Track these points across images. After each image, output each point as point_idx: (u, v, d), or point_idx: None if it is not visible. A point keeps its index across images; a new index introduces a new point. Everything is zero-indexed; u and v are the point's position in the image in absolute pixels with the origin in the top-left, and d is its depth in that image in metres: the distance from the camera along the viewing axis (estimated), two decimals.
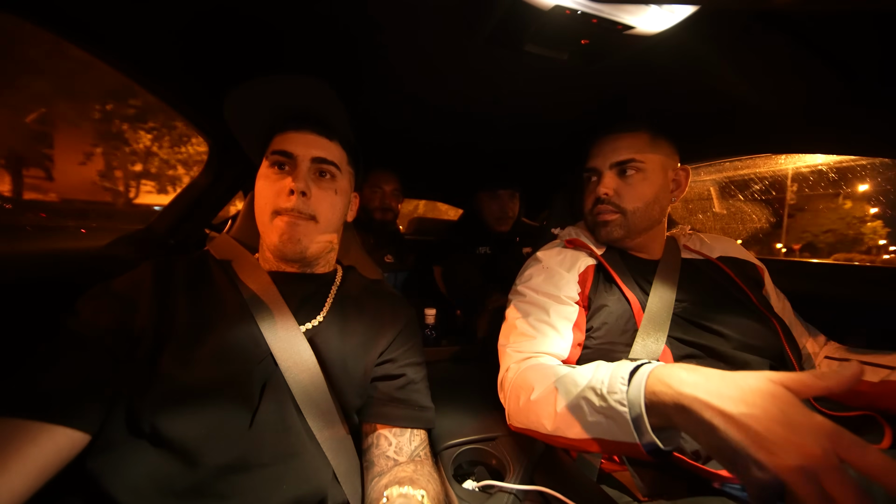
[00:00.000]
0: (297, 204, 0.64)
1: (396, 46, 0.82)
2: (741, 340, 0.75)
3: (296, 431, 0.59)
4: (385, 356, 0.71)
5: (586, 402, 0.54)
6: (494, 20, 0.67)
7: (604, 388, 0.51)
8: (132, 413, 0.53)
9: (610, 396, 0.50)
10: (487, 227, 1.63)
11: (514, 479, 0.67)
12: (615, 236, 0.88)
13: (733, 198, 8.63)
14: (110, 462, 0.50)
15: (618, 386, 0.50)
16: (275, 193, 0.65)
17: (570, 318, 0.81)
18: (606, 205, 0.86)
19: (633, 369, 0.51)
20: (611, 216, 0.87)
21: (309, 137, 0.68)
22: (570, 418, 0.56)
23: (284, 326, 0.63)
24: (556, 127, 1.25)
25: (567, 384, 0.59)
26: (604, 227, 0.88)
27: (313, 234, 0.68)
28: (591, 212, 0.90)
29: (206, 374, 0.55)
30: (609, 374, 0.53)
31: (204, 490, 0.50)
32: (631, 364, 0.52)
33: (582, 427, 0.54)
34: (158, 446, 0.51)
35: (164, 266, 0.65)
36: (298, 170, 0.66)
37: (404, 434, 0.67)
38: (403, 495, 0.54)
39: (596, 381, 0.54)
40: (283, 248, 0.65)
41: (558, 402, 0.58)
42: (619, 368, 0.53)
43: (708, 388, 0.42)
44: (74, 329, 0.55)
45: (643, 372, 0.50)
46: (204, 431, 0.52)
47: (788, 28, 0.66)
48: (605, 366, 0.57)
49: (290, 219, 0.65)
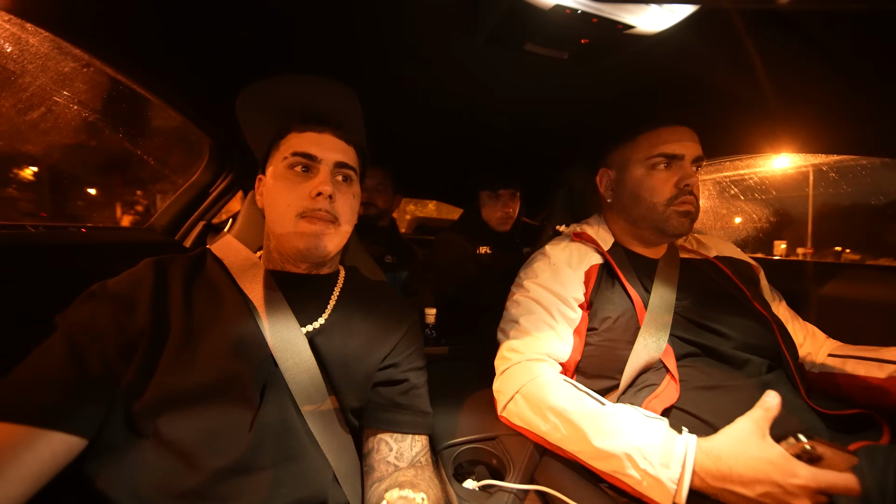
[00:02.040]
0: (323, 206, 0.65)
1: (396, 46, 0.82)
2: (740, 340, 0.76)
3: (296, 433, 0.58)
4: (388, 361, 0.70)
5: (627, 458, 0.57)
6: (494, 20, 0.67)
7: (654, 457, 0.55)
8: (130, 415, 0.52)
9: (661, 471, 0.54)
10: (488, 227, 1.63)
11: (514, 479, 0.67)
12: (686, 230, 0.84)
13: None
14: (108, 465, 0.49)
15: (674, 465, 0.54)
16: (299, 196, 0.64)
17: (572, 323, 0.81)
18: (692, 195, 0.83)
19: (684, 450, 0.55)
20: (692, 207, 0.83)
21: (330, 140, 0.68)
22: (603, 461, 0.60)
23: (286, 327, 0.63)
24: (556, 127, 1.25)
25: (601, 427, 0.61)
26: (686, 218, 0.83)
27: (334, 237, 0.68)
28: (672, 200, 0.82)
29: (206, 375, 0.55)
30: (660, 446, 0.56)
31: (204, 493, 0.50)
32: (682, 442, 0.56)
33: (615, 471, 0.59)
34: (157, 449, 0.50)
35: (164, 265, 0.64)
36: (323, 173, 0.66)
37: (405, 440, 0.66)
38: (404, 498, 0.54)
39: (642, 442, 0.57)
40: (308, 251, 0.65)
41: (591, 440, 0.61)
42: (669, 442, 0.56)
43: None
44: (70, 331, 0.53)
45: (690, 466, 0.54)
46: (203, 434, 0.52)
47: (788, 27, 0.66)
48: (645, 425, 0.60)
49: (318, 221, 0.65)
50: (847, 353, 0.83)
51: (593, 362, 0.80)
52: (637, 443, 0.57)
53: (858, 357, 0.80)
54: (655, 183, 0.84)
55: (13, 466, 0.43)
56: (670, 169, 0.83)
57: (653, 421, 0.60)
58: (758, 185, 12.49)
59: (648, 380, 0.74)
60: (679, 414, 0.70)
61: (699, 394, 0.70)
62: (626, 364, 0.75)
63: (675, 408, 0.70)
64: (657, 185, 0.84)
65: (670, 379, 0.72)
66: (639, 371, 0.75)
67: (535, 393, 0.70)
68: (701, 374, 0.73)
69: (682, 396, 0.70)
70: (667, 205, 0.83)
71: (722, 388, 0.70)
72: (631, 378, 0.75)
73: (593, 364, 0.80)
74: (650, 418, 0.61)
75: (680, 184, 0.81)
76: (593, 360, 0.80)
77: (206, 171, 1.30)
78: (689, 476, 0.53)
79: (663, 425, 0.59)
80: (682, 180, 0.81)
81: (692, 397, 0.70)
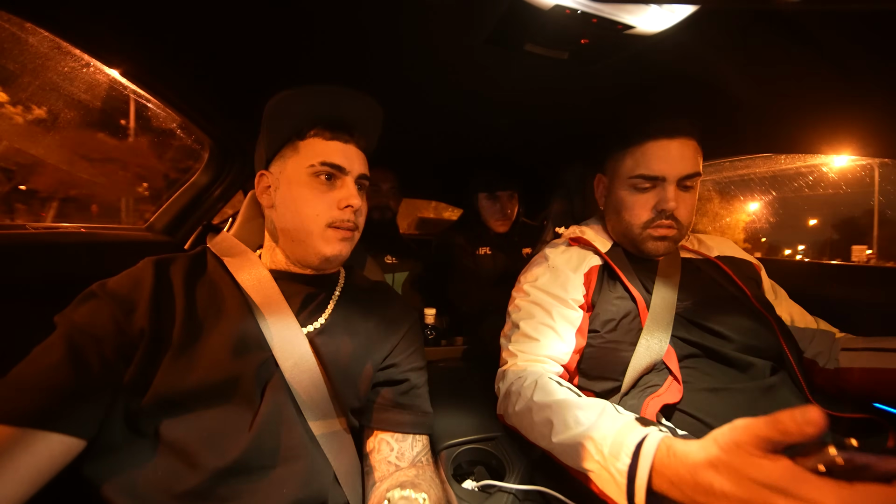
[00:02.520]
0: (352, 217, 0.67)
1: (396, 46, 0.82)
2: (742, 342, 0.75)
3: (296, 433, 0.58)
4: (388, 361, 0.70)
5: (584, 449, 0.53)
6: (494, 20, 0.67)
7: (605, 447, 0.50)
8: (130, 415, 0.52)
9: (611, 461, 0.49)
10: (487, 228, 1.64)
11: (514, 479, 0.67)
12: (662, 251, 0.83)
13: None
14: (108, 465, 0.49)
15: (622, 456, 0.48)
16: (327, 206, 0.66)
17: (573, 323, 0.80)
18: (670, 219, 0.79)
19: (637, 445, 0.48)
20: (671, 231, 0.80)
21: (354, 151, 0.69)
22: (568, 454, 0.56)
23: (286, 327, 0.62)
24: (556, 127, 1.25)
25: (567, 419, 0.58)
26: (661, 242, 0.82)
27: (353, 244, 0.72)
28: (648, 224, 0.81)
29: (206, 375, 0.55)
30: (612, 435, 0.51)
31: (203, 493, 0.50)
32: (637, 434, 0.49)
33: (576, 465, 0.54)
34: (157, 449, 0.50)
35: (164, 264, 0.63)
36: (350, 185, 0.67)
37: (406, 440, 0.66)
38: (405, 498, 0.53)
39: (597, 433, 0.52)
40: (334, 257, 0.67)
41: (555, 433, 0.58)
42: (624, 432, 0.50)
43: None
44: (69, 332, 0.52)
45: (646, 460, 0.46)
46: (203, 434, 0.52)
47: (788, 27, 0.66)
48: (609, 416, 0.55)
49: (346, 232, 0.67)
50: (862, 346, 0.79)
51: (595, 364, 0.80)
52: (593, 433, 0.53)
53: (875, 349, 0.77)
54: (634, 204, 0.82)
55: (10, 468, 0.43)
56: (652, 191, 0.80)
57: (621, 415, 0.55)
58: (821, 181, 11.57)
59: (651, 381, 0.74)
60: (680, 416, 0.69)
61: (701, 396, 0.70)
62: (629, 365, 0.75)
63: (677, 409, 0.70)
64: (635, 208, 0.82)
65: (673, 380, 0.71)
66: (641, 372, 0.74)
67: (528, 396, 0.70)
68: (704, 376, 0.73)
69: (684, 398, 0.70)
70: (643, 227, 0.81)
71: (725, 390, 0.70)
72: (633, 379, 0.74)
73: (595, 366, 0.80)
74: (619, 413, 0.56)
75: (658, 207, 0.79)
76: (595, 362, 0.80)
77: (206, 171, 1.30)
78: (646, 472, 0.45)
79: (626, 417, 0.54)
80: (660, 204, 0.78)
81: (694, 399, 0.70)
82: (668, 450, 0.45)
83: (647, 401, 0.70)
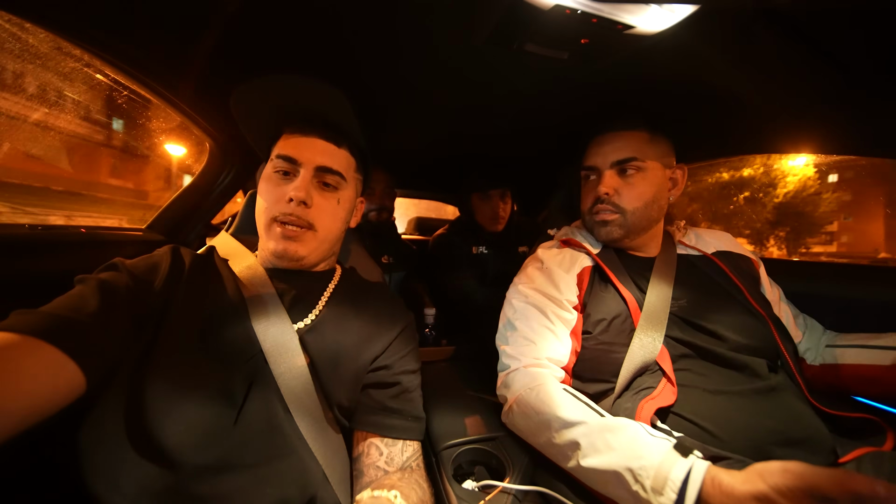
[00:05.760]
0: (295, 212, 0.64)
1: (394, 46, 0.82)
2: (737, 342, 0.74)
3: (283, 432, 0.57)
4: (379, 362, 0.69)
5: (618, 478, 0.52)
6: (494, 20, 0.67)
7: (646, 480, 0.50)
8: (115, 409, 0.50)
9: (653, 497, 0.48)
10: (482, 228, 1.64)
11: (514, 479, 0.67)
12: (614, 236, 0.86)
13: None
14: (90, 461, 0.48)
15: (667, 491, 0.48)
16: (275, 199, 0.65)
17: (568, 325, 0.80)
18: (606, 204, 0.84)
19: (683, 481, 0.48)
20: (610, 216, 0.85)
21: (316, 143, 0.67)
22: (596, 478, 0.57)
23: (276, 324, 0.62)
24: (555, 126, 1.25)
25: (596, 443, 0.57)
26: (603, 227, 0.86)
27: (311, 243, 0.67)
28: (591, 211, 0.88)
29: (190, 370, 0.54)
30: (655, 468, 0.50)
31: (185, 491, 0.48)
32: (682, 467, 0.49)
33: (607, 492, 0.55)
34: (138, 444, 0.49)
35: (180, 256, 0.65)
36: (301, 177, 0.65)
37: (396, 444, 0.64)
38: (374, 498, 0.52)
39: (635, 463, 0.51)
40: (278, 253, 0.66)
41: (583, 456, 0.58)
42: (667, 466, 0.49)
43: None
44: (95, 279, 0.54)
45: (692, 495, 0.46)
46: (183, 428, 0.50)
47: (788, 27, 0.66)
48: (643, 442, 0.54)
49: (288, 227, 0.65)
50: (847, 343, 0.80)
51: (588, 365, 0.79)
52: (631, 463, 0.52)
53: (860, 346, 0.78)
54: (583, 194, 0.92)
55: (12, 368, 0.40)
56: (594, 180, 0.88)
57: (655, 440, 0.54)
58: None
59: (644, 383, 0.73)
60: (676, 419, 0.68)
61: (697, 399, 0.69)
62: (622, 366, 0.74)
63: (673, 413, 0.69)
64: (584, 196, 0.92)
65: (667, 382, 0.70)
66: (634, 373, 0.73)
67: (532, 403, 0.69)
68: (698, 377, 0.71)
69: (679, 401, 0.68)
70: (588, 213, 0.89)
71: (723, 393, 0.68)
72: (627, 381, 0.73)
73: (588, 367, 0.79)
74: (654, 437, 0.55)
75: (596, 193, 0.86)
76: (588, 364, 0.79)
77: (206, 171, 1.30)
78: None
79: (666, 445, 0.53)
80: (598, 190, 0.85)
81: (690, 402, 0.68)
82: (713, 481, 0.46)
83: (642, 404, 0.68)
